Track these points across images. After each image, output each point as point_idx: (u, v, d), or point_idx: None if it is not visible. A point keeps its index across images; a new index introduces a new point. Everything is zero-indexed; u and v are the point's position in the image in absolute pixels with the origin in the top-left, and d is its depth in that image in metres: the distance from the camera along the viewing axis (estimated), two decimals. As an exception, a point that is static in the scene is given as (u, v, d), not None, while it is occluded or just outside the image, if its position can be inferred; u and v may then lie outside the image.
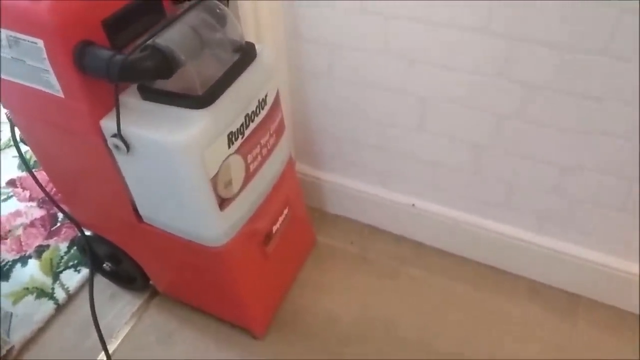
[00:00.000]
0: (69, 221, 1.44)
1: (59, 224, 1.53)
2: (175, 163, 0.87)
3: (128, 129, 0.85)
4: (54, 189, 1.38)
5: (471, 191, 1.27)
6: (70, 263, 1.42)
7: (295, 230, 1.29)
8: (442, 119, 1.16)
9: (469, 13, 0.97)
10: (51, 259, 1.43)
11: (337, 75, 1.21)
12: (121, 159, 0.92)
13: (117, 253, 1.25)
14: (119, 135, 0.86)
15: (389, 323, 1.29)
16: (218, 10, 0.91)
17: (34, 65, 0.83)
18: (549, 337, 1.25)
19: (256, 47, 0.98)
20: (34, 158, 1.60)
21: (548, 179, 1.15)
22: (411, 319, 1.29)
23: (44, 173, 1.18)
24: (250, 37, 1.08)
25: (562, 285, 1.32)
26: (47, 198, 1.30)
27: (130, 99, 0.87)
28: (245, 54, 0.95)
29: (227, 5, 1.00)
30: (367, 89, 1.20)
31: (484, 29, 0.97)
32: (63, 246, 1.47)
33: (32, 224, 1.54)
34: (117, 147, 0.88)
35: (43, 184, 1.20)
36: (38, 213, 1.57)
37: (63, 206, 1.21)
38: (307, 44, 1.19)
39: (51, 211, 1.57)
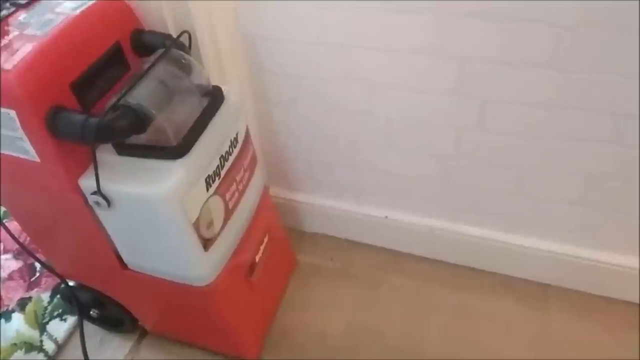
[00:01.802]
0: (48, 271, 1.44)
1: (37, 274, 1.53)
2: (157, 213, 0.89)
3: (107, 185, 0.87)
4: (28, 239, 1.37)
5: (440, 199, 1.34)
6: (55, 313, 1.42)
7: (275, 254, 1.33)
8: (408, 136, 1.22)
9: (423, 40, 1.03)
10: (35, 311, 1.42)
11: (302, 102, 1.25)
12: (102, 213, 0.94)
13: (102, 299, 1.26)
14: (99, 192, 0.88)
15: (377, 332, 1.34)
16: (183, 61, 0.94)
17: (8, 134, 0.85)
18: (526, 328, 1.32)
19: (223, 89, 1.01)
20: (2, 208, 1.59)
21: (510, 181, 1.22)
22: (397, 326, 1.35)
23: (16, 223, 1.17)
24: (214, 76, 1.11)
25: (533, 277, 1.40)
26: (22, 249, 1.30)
27: (106, 155, 0.89)
28: (214, 99, 0.98)
29: (190, 47, 1.04)
30: (333, 113, 1.24)
31: (438, 53, 1.04)
32: (45, 296, 1.46)
33: (10, 277, 1.52)
34: (97, 203, 0.90)
35: (15, 234, 1.19)
36: (15, 265, 1.56)
37: (40, 257, 1.21)
38: (271, 77, 1.23)
39: (28, 262, 1.56)
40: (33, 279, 1.52)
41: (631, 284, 1.28)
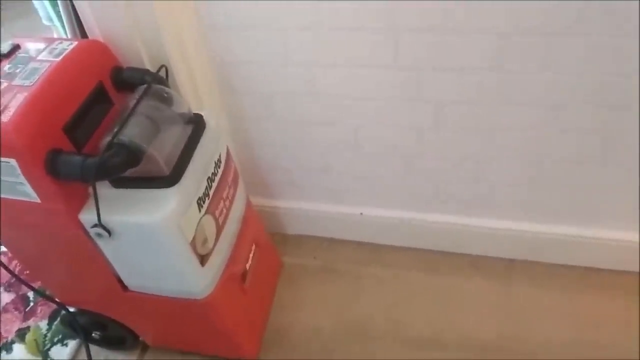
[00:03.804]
0: (42, 299, 1.49)
1: (32, 304, 1.57)
2: (157, 238, 0.97)
3: (108, 217, 0.95)
4: (18, 268, 1.41)
5: (408, 192, 1.45)
6: (56, 339, 1.47)
7: (263, 259, 1.42)
8: (373, 139, 1.33)
9: (380, 55, 1.13)
10: (36, 340, 1.47)
11: (274, 117, 1.34)
12: (103, 243, 1.01)
13: (103, 320, 1.32)
14: (100, 225, 0.95)
15: (364, 322, 1.45)
16: (165, 94, 1.02)
17: (9, 180, 0.91)
18: (496, 302, 1.45)
19: (203, 115, 1.09)
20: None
21: (467, 171, 1.34)
22: (381, 314, 1.46)
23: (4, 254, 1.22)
24: (192, 103, 1.19)
25: (497, 254, 1.53)
26: (14, 280, 1.33)
27: (103, 189, 0.96)
28: (196, 126, 1.06)
29: (167, 78, 1.11)
30: (304, 125, 1.34)
31: (394, 65, 1.14)
32: (43, 324, 1.51)
33: (5, 310, 1.56)
34: (99, 234, 0.97)
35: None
36: (8, 297, 1.60)
37: (35, 286, 1.26)
38: (243, 96, 1.31)
39: (20, 293, 1.60)
40: (28, 308, 1.56)
41: (580, 250, 1.44)
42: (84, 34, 1.14)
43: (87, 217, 0.96)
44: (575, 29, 1.00)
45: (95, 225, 0.95)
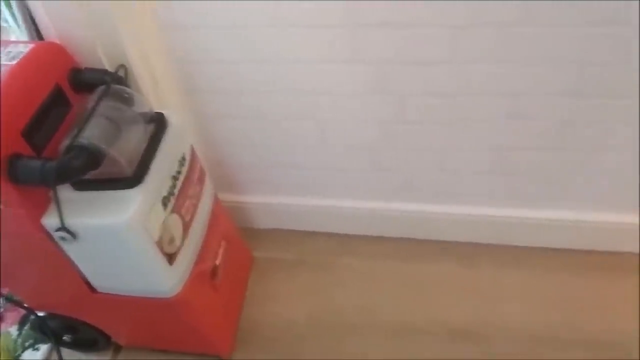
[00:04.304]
0: (11, 304, 1.47)
1: (1, 310, 1.55)
2: (122, 240, 0.97)
3: (71, 221, 0.94)
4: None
5: (376, 183, 1.48)
6: (27, 343, 1.46)
7: (233, 255, 1.43)
8: (339, 133, 1.35)
9: (340, 50, 1.15)
10: (7, 346, 1.46)
11: (239, 114, 1.35)
12: (68, 246, 1.00)
13: (74, 323, 1.31)
14: (63, 228, 0.94)
15: (337, 312, 1.47)
16: (125, 94, 1.01)
17: (-33, 187, 0.89)
18: (467, 285, 1.49)
19: (165, 113, 1.09)
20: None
21: (432, 161, 1.37)
22: (354, 304, 1.49)
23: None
24: (154, 102, 1.18)
25: (464, 239, 1.57)
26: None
27: (65, 192, 0.96)
28: (158, 125, 1.06)
29: (127, 77, 1.11)
30: (268, 121, 1.35)
31: (355, 60, 1.16)
32: (13, 330, 1.49)
33: (-28, 318, 1.54)
34: (63, 238, 0.97)
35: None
36: (-25, 305, 1.57)
37: (3, 292, 1.25)
38: (207, 94, 1.31)
39: (-13, 299, 1.58)
40: (-4, 315, 1.54)
41: (544, 233, 1.49)
42: (40, 36, 1.12)
43: (50, 221, 0.95)
44: (528, 20, 1.03)
45: (58, 229, 0.95)
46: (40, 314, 1.32)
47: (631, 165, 1.28)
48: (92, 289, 1.14)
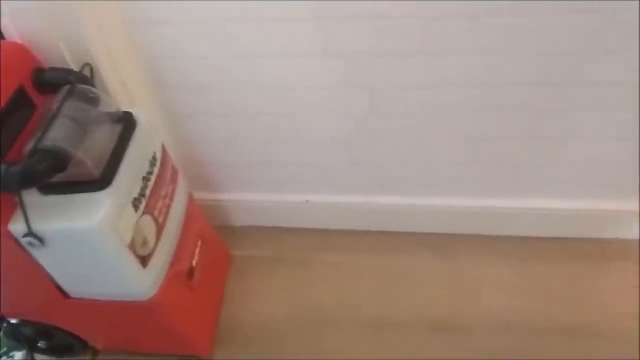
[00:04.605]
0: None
1: (-28, 318, 1.51)
2: (92, 244, 0.95)
3: (39, 226, 0.91)
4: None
5: (351, 177, 1.47)
6: (1, 351, 1.42)
7: (211, 254, 1.41)
8: (313, 128, 1.34)
9: (310, 43, 1.13)
10: (-21, 355, 1.42)
11: (211, 111, 1.32)
12: (37, 252, 0.97)
13: (47, 329, 1.29)
14: (31, 234, 0.92)
15: (316, 308, 1.47)
16: (90, 94, 0.98)
17: None
18: (443, 276, 1.50)
19: (133, 112, 1.07)
20: None
21: (407, 153, 1.37)
22: (333, 298, 1.49)
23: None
24: (122, 101, 1.16)
25: (440, 230, 1.58)
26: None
27: (32, 197, 0.93)
28: (126, 124, 1.04)
29: (92, 76, 1.08)
30: (241, 117, 1.33)
31: (326, 53, 1.15)
32: (-15, 338, 1.46)
33: (-57, 327, 1.49)
34: (31, 244, 0.94)
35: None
36: (-55, 313, 1.52)
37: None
38: (177, 91, 1.29)
39: (-42, 307, 1.53)
40: (-32, 323, 1.50)
41: (519, 221, 1.51)
42: (1, 35, 1.08)
43: (17, 227, 0.92)
44: (498, 11, 1.03)
45: (26, 235, 0.92)
46: (13, 321, 1.29)
47: (601, 153, 1.30)
48: (64, 294, 1.11)
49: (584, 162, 1.33)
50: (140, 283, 1.07)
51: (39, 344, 1.36)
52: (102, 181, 0.93)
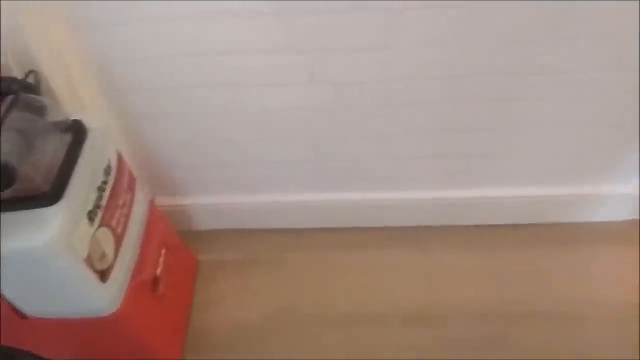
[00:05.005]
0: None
1: None
2: (45, 262, 0.89)
3: (-15, 246, 0.86)
4: None
5: (321, 174, 1.45)
6: (-43, 377, 1.35)
7: (176, 261, 1.36)
8: (277, 125, 1.30)
9: (272, 39, 1.10)
10: None
11: (171, 112, 1.28)
12: (-14, 273, 0.92)
13: (7, 352, 1.22)
14: (-23, 255, 0.86)
15: (290, 308, 1.44)
16: (37, 104, 0.93)
17: None
18: (417, 268, 1.49)
19: (84, 120, 1.01)
20: None
21: (376, 148, 1.35)
22: (307, 297, 1.46)
23: None
24: (72, 108, 1.10)
25: (414, 223, 1.57)
26: None
27: (-24, 216, 0.87)
28: (76, 133, 0.98)
29: (38, 84, 1.02)
30: (203, 117, 1.28)
31: (288, 49, 1.12)
32: (-59, 363, 1.38)
33: None
34: (-22, 265, 0.88)
35: None
36: None
37: None
38: (134, 94, 1.24)
39: None
40: None
41: (491, 210, 1.52)
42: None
43: (-38, 248, 0.86)
44: (457, 2, 1.01)
45: (-29, 257, 0.87)
46: (-32, 344, 1.22)
47: (563, 140, 1.31)
48: (21, 314, 1.06)
49: (548, 149, 1.34)
50: (100, 298, 1.02)
51: (-2, 367, 1.30)
52: (52, 195, 0.88)
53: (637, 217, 1.52)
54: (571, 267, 1.46)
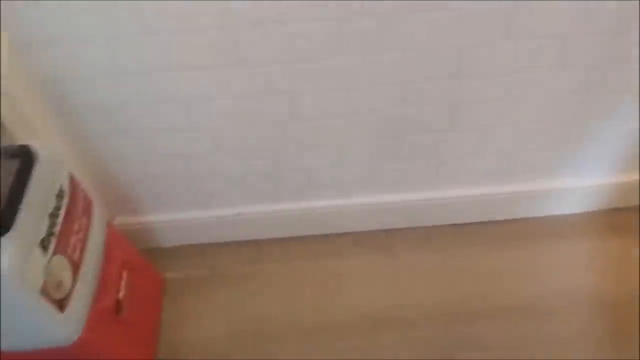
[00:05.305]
0: None
1: None
2: (-3, 296, 0.86)
3: None
4: None
5: (280, 184, 1.44)
6: None
7: (140, 282, 1.33)
8: (234, 139, 1.29)
9: (222, 52, 1.09)
10: None
11: (125, 130, 1.25)
12: None
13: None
14: None
15: (258, 321, 1.43)
16: (-24, 131, 0.89)
17: None
18: (384, 273, 1.50)
19: (32, 145, 0.98)
20: None
21: (333, 155, 1.36)
22: (274, 309, 1.45)
23: None
24: (21, 133, 1.06)
25: (376, 227, 1.58)
26: None
27: None
28: (25, 159, 0.95)
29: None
30: (155, 133, 1.26)
31: (239, 62, 1.11)
32: None
33: None
34: None
35: None
36: None
37: None
38: (83, 114, 1.20)
39: None
40: None
41: (451, 210, 1.54)
42: None
43: None
44: (407, 7, 1.03)
45: None
46: None
47: (520, 139, 1.34)
48: (-17, 350, 1.01)
49: (500, 149, 1.37)
50: (59, 328, 0.99)
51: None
52: (0, 226, 0.85)
53: (591, 209, 1.57)
54: (533, 261, 1.50)
